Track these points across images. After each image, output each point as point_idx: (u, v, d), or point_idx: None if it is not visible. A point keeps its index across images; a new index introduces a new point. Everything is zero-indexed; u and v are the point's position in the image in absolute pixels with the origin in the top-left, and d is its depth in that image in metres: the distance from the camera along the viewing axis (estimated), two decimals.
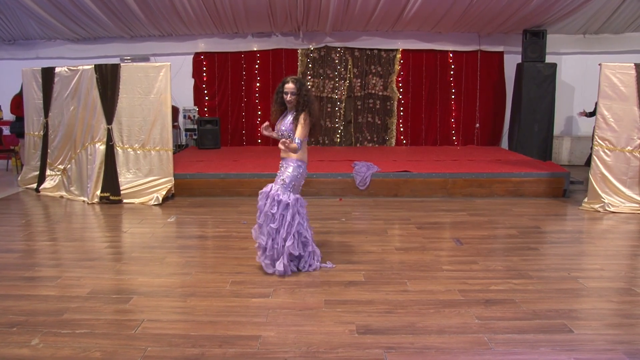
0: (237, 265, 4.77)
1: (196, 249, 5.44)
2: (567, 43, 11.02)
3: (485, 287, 4.21)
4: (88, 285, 4.27)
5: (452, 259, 4.95)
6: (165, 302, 3.96)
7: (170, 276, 4.52)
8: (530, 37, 10.29)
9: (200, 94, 11.46)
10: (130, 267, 4.77)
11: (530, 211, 6.96)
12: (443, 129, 11.53)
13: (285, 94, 4.45)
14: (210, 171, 8.09)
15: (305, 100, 4.43)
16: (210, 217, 6.67)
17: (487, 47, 11.21)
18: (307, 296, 4.06)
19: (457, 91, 11.41)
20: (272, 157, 9.68)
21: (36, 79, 8.17)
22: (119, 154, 7.54)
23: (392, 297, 4.03)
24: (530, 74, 10.19)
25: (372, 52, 11.25)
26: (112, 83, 7.38)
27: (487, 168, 8.23)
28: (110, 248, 5.37)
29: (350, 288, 4.22)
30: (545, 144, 10.35)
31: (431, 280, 4.37)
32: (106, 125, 7.47)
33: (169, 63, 7.44)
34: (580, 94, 11.07)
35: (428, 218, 6.58)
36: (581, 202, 7.20)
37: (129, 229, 6.17)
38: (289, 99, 4.45)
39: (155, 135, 7.48)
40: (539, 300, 3.96)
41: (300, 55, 11.24)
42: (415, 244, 5.46)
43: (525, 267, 4.70)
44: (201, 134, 10.90)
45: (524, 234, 5.84)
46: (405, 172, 7.93)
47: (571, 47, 11.04)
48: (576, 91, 11.17)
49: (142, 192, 7.50)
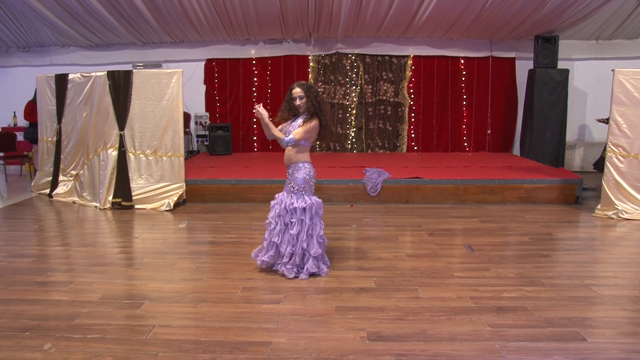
0: (248, 271, 4.77)
1: (207, 254, 5.45)
2: (580, 49, 10.95)
3: (497, 294, 4.18)
4: (100, 290, 4.30)
5: (464, 266, 4.92)
6: (176, 307, 3.97)
7: (182, 282, 4.54)
8: (542, 43, 10.24)
9: (211, 100, 11.52)
10: (142, 272, 4.80)
11: (543, 218, 6.91)
12: (454, 135, 11.50)
13: (293, 99, 4.50)
14: (221, 177, 8.11)
15: (316, 101, 4.47)
16: (222, 223, 6.68)
17: (499, 53, 11.17)
18: (318, 302, 4.05)
19: (469, 97, 11.37)
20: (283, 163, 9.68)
21: (50, 85, 8.27)
22: (131, 159, 7.60)
23: (404, 303, 4.01)
24: (542, 80, 10.14)
25: (384, 58, 11.26)
26: (124, 89, 7.45)
27: (499, 174, 8.17)
28: (122, 253, 5.40)
29: (361, 294, 4.21)
30: (558, 151, 10.27)
31: (443, 287, 4.35)
32: (118, 131, 7.54)
33: (181, 69, 7.49)
34: (593, 100, 11.00)
35: (439, 225, 6.55)
36: (594, 209, 7.13)
37: (140, 234, 6.20)
38: (298, 104, 4.50)
39: (167, 141, 7.53)
40: (552, 307, 3.92)
41: (311, 61, 11.27)
42: (426, 250, 5.44)
43: (538, 275, 4.66)
44: (213, 140, 10.95)
45: (536, 241, 5.79)
46: (417, 178, 7.91)
47: (584, 53, 10.96)
48: (589, 97, 11.10)
49: (153, 197, 7.55)
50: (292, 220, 4.47)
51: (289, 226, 4.49)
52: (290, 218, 4.49)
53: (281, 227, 4.52)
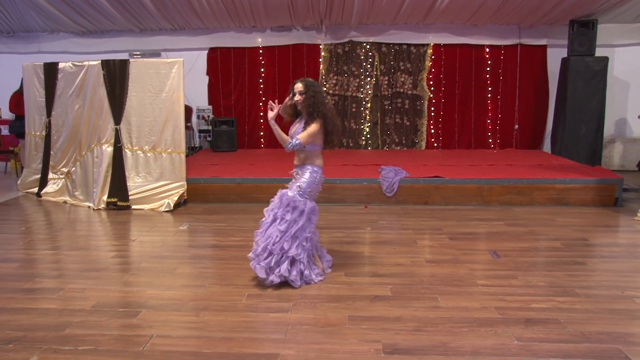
0: (254, 277, 4.76)
1: (210, 259, 5.46)
2: (621, 33, 10.75)
3: (526, 305, 4.15)
4: (92, 297, 4.32)
5: (488, 273, 4.89)
6: (176, 316, 3.98)
7: (182, 288, 4.55)
8: (578, 28, 10.07)
9: (215, 93, 11.56)
10: (139, 278, 4.82)
11: (577, 222, 6.84)
12: (478, 130, 11.43)
13: (294, 94, 4.63)
14: (225, 175, 8.13)
15: (313, 101, 4.54)
16: (226, 225, 6.69)
17: (529, 41, 11.07)
18: (329, 311, 4.05)
19: (494, 89, 11.29)
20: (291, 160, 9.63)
21: (38, 75, 8.31)
22: (128, 156, 7.64)
23: (422, 313, 4.00)
24: (577, 69, 10.00)
25: (401, 47, 11.22)
26: (120, 80, 7.49)
27: (528, 174, 8.11)
28: (117, 258, 5.43)
29: (376, 303, 4.20)
30: (594, 147, 10.13)
31: (465, 296, 4.33)
32: (114, 126, 7.59)
33: (182, 59, 7.53)
34: (636, 90, 10.82)
35: (462, 228, 6.52)
36: (636, 212, 7.05)
37: (137, 237, 6.23)
38: (297, 99, 4.62)
39: (167, 136, 7.56)
40: (588, 321, 3.88)
41: (322, 50, 11.26)
42: (447, 256, 5.41)
43: (572, 284, 4.61)
44: (216, 135, 10.99)
45: (569, 247, 5.74)
46: (437, 177, 7.87)
47: (626, 38, 10.76)
48: (631, 88, 10.90)
49: (152, 197, 7.58)
50: (285, 217, 4.50)
51: (277, 221, 4.51)
52: (283, 214, 4.52)
53: (270, 219, 4.57)
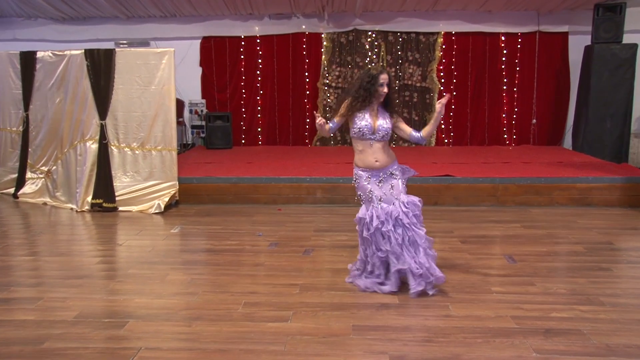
0: (250, 284, 4.76)
1: (204, 264, 5.46)
2: None
3: (545, 314, 4.13)
4: (75, 307, 4.30)
5: (504, 280, 4.88)
6: (166, 326, 3.97)
7: (173, 296, 4.54)
8: (604, 13, 9.99)
9: (209, 85, 11.57)
10: (126, 285, 4.80)
11: (601, 224, 6.82)
12: (493, 126, 11.42)
13: (381, 85, 4.53)
14: (220, 175, 8.13)
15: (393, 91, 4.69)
16: (220, 228, 6.69)
17: (548, 27, 11.06)
18: (332, 320, 4.03)
19: (510, 81, 11.29)
20: (292, 158, 9.71)
21: (13, 64, 8.24)
22: (114, 154, 7.63)
23: (432, 323, 3.98)
24: (602, 58, 9.93)
25: (409, 36, 11.21)
26: (105, 71, 7.48)
27: (546, 172, 8.11)
28: (103, 264, 5.41)
29: (382, 311, 4.19)
30: (620, 143, 10.06)
31: (478, 304, 4.31)
32: (99, 121, 7.57)
33: (173, 49, 7.51)
34: None
35: (474, 230, 6.51)
36: None
37: (125, 241, 6.21)
38: (385, 91, 4.57)
39: (157, 132, 7.56)
40: (615, 332, 3.84)
41: (324, 40, 11.26)
42: (459, 260, 5.40)
43: (595, 291, 4.58)
44: (210, 131, 11.00)
45: (592, 251, 5.71)
46: (448, 176, 7.87)
47: None
48: None
49: (141, 198, 7.58)
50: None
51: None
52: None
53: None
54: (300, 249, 5.78)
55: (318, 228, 6.63)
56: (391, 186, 4.60)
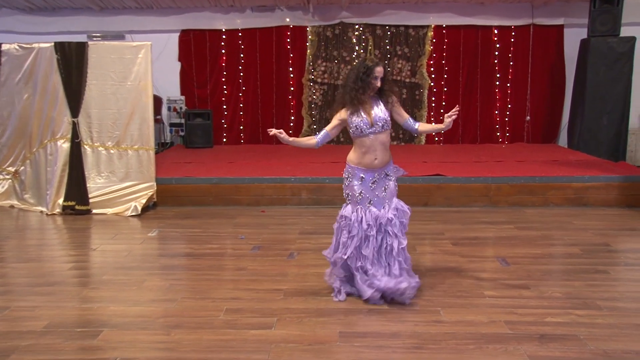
0: (232, 289, 4.76)
1: (183, 269, 5.44)
2: None
3: (540, 319, 4.15)
4: (45, 317, 4.25)
5: (497, 283, 4.90)
6: (143, 335, 3.95)
7: (151, 303, 4.52)
8: (601, 5, 10.02)
9: (188, 81, 11.52)
10: (100, 292, 4.77)
11: (597, 224, 6.87)
12: (485, 123, 11.48)
13: (375, 78, 4.53)
14: (200, 175, 8.11)
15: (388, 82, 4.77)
16: (201, 231, 6.68)
17: (543, 20, 11.14)
18: (317, 327, 4.03)
19: (503, 76, 11.35)
20: (275, 158, 9.70)
21: None
22: (88, 153, 7.59)
23: (422, 329, 3.99)
24: (599, 52, 9.98)
25: (398, 29, 11.23)
26: (77, 66, 7.42)
27: (541, 171, 8.16)
28: (75, 270, 5.37)
29: (370, 317, 4.19)
30: (617, 141, 10.12)
31: (470, 309, 4.33)
32: (71, 119, 7.52)
33: (150, 43, 7.49)
34: None
35: (466, 232, 6.53)
36: None
37: (99, 245, 6.18)
38: (379, 85, 4.59)
39: (133, 131, 7.53)
40: (612, 337, 3.87)
41: (310, 33, 11.26)
42: (450, 263, 5.42)
43: (592, 295, 4.61)
44: (189, 129, 10.96)
45: (589, 253, 5.75)
46: (438, 176, 7.89)
47: None
48: None
49: (116, 200, 7.54)
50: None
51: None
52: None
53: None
54: (284, 252, 5.77)
55: (303, 230, 6.62)
56: (384, 188, 4.60)
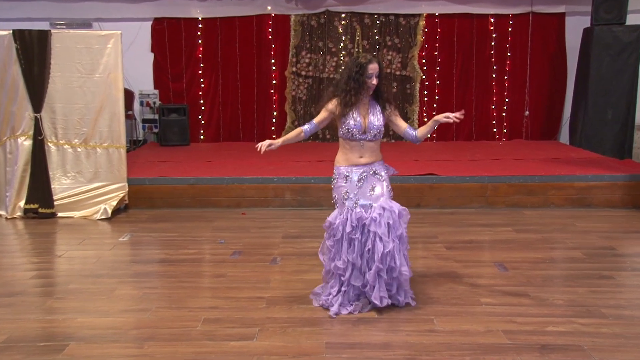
0: (211, 297, 4.75)
1: (157, 277, 5.43)
2: None
3: (541, 328, 4.17)
4: (4, 330, 4.21)
5: (494, 290, 4.92)
6: (114, 349, 3.92)
7: (122, 314, 4.50)
8: None
9: (162, 74, 11.48)
10: (66, 303, 4.74)
11: (601, 227, 6.93)
12: (481, 118, 11.54)
13: (369, 77, 4.46)
14: (176, 175, 8.10)
15: (383, 82, 4.69)
16: (177, 235, 6.67)
17: (543, 8, 11.20)
18: (302, 338, 4.03)
19: (500, 68, 11.41)
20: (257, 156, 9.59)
21: None
22: (52, 152, 7.54)
23: (415, 338, 4.00)
24: (603, 41, 10.02)
25: (388, 18, 11.26)
26: (39, 56, 7.34)
27: (541, 169, 8.21)
28: (38, 278, 5.33)
29: (359, 327, 4.19)
30: (623, 137, 10.17)
31: (466, 318, 4.34)
32: (33, 114, 7.45)
33: (120, 32, 7.45)
34: None
35: (461, 235, 6.56)
36: None
37: (65, 252, 6.14)
38: (374, 83, 4.50)
39: (102, 127, 7.49)
40: (618, 348, 3.89)
41: (293, 23, 11.24)
42: (444, 269, 5.43)
43: (596, 302, 4.64)
44: (164, 126, 10.92)
45: (592, 258, 5.78)
46: (431, 175, 7.92)
47: None
48: None
49: (84, 202, 7.51)
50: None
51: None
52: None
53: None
54: (267, 257, 5.77)
55: (287, 234, 6.63)
56: (372, 187, 4.56)
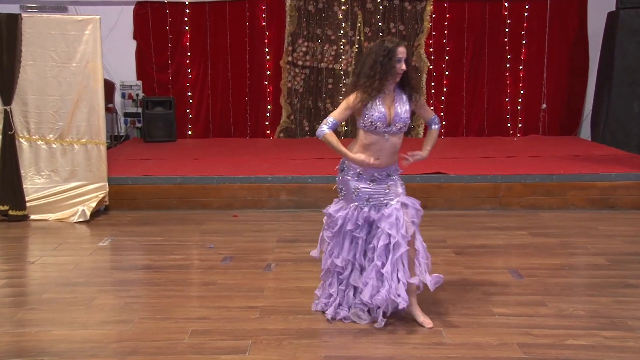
0: (199, 307, 4.75)
1: (141, 285, 5.43)
2: None
3: (560, 341, 4.16)
4: None
5: (508, 299, 4.92)
6: None
7: (102, 326, 4.48)
8: None
9: (146, 63, 11.49)
10: (40, 314, 4.72)
11: (627, 230, 6.93)
12: (493, 112, 11.54)
13: (398, 61, 4.34)
14: (161, 174, 8.13)
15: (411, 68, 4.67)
16: (162, 239, 6.66)
17: None
18: (299, 351, 4.02)
19: (515, 57, 11.42)
20: (249, 154, 9.69)
21: None
22: (24, 148, 7.53)
23: (422, 352, 3.99)
24: (629, 27, 10.00)
25: (392, 3, 11.27)
26: (9, 43, 7.31)
27: (559, 168, 8.23)
28: (9, 287, 5.33)
29: (361, 339, 4.19)
30: None
31: (478, 329, 4.34)
32: (2, 107, 7.43)
33: (99, 16, 7.42)
34: None
35: (472, 239, 6.57)
36: None
37: (38, 258, 6.12)
38: (404, 68, 4.38)
39: (80, 122, 7.49)
40: None
41: (289, 8, 11.25)
42: (453, 276, 5.42)
43: (621, 313, 4.63)
44: (148, 120, 10.94)
45: (617, 264, 5.78)
46: (439, 174, 7.94)
47: None
48: None
49: (60, 203, 7.51)
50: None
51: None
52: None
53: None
54: (260, 263, 5.76)
55: (282, 238, 6.62)
56: (388, 186, 4.50)
